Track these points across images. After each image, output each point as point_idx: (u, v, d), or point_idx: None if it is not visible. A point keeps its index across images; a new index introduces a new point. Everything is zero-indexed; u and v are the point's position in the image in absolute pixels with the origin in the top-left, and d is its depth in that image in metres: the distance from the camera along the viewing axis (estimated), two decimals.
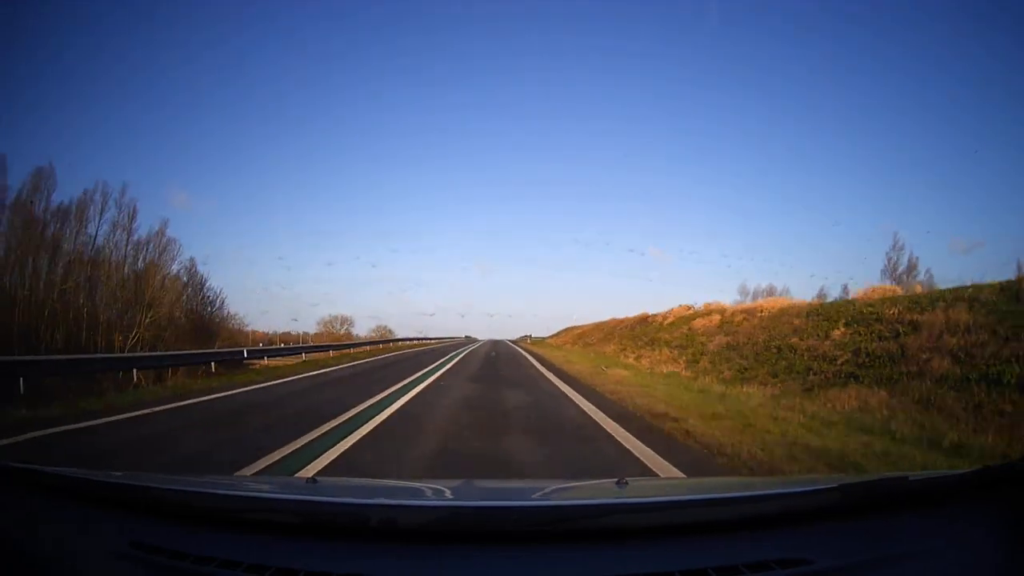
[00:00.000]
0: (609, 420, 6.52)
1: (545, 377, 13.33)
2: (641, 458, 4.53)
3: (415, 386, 10.43)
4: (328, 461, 4.45)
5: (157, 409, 7.56)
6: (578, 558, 1.06)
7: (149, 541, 1.15)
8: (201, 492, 1.36)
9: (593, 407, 7.69)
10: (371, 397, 8.53)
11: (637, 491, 1.64)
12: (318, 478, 1.73)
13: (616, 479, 1.55)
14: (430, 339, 56.93)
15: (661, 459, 4.44)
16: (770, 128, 65.38)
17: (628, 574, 1.02)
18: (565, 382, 11.73)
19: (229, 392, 9.74)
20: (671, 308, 25.70)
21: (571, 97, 74.93)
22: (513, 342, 61.49)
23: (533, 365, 18.23)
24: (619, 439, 5.38)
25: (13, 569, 1.13)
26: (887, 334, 10.57)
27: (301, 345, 25.39)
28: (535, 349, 36.78)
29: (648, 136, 73.16)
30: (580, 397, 8.97)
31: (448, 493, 1.65)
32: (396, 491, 1.76)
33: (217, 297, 24.48)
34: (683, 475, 3.97)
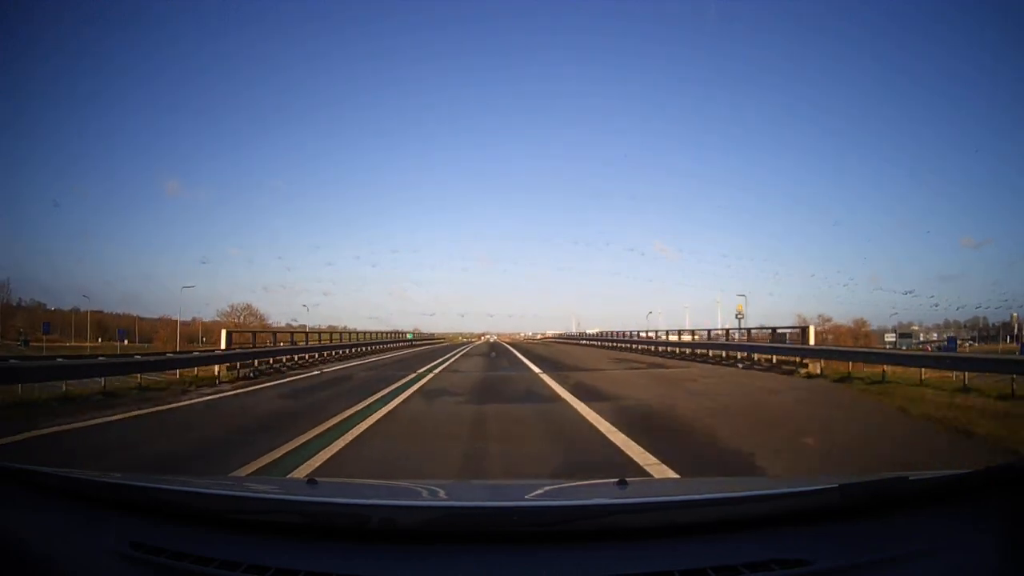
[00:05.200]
0: None
1: None
2: None
3: None
4: None
5: None
6: (578, 558, 1.06)
7: (150, 542, 1.15)
8: (201, 493, 1.36)
9: None
10: None
11: (637, 491, 1.64)
12: (318, 479, 1.73)
13: (616, 479, 1.56)
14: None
15: None
16: (771, 127, 65.52)
17: (628, 574, 1.03)
18: None
19: None
20: None
21: (572, 97, 75.03)
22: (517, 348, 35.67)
23: None
24: None
25: (14, 570, 1.13)
26: None
27: None
28: None
29: (647, 136, 73.26)
30: None
31: (448, 493, 1.65)
32: (396, 491, 1.76)
33: None
34: (683, 477, 3.98)
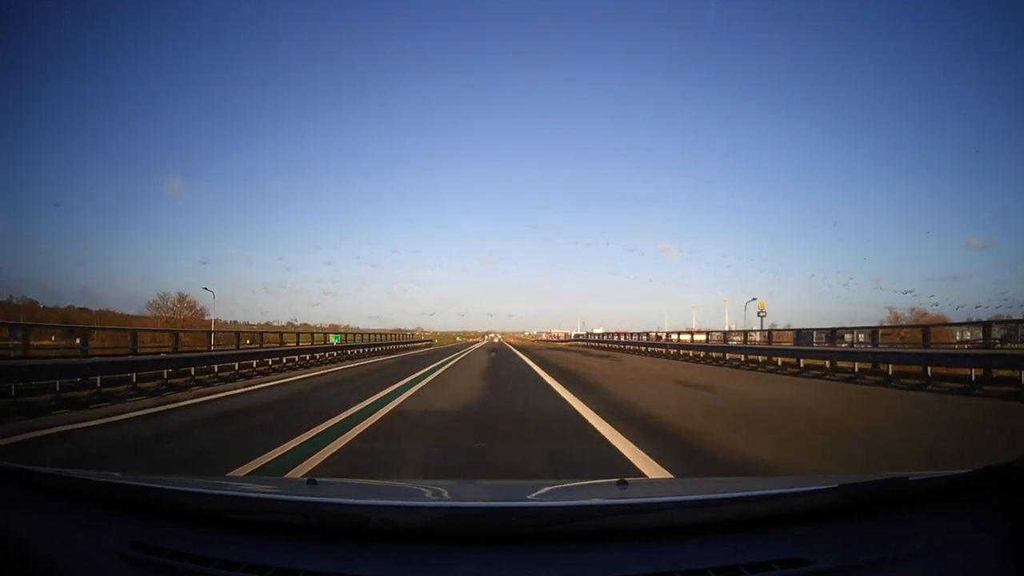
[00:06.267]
0: None
1: None
2: None
3: None
4: None
5: None
6: (578, 559, 1.06)
7: (150, 541, 1.15)
8: (201, 493, 1.36)
9: None
10: None
11: (637, 492, 1.64)
12: (317, 479, 1.73)
13: (616, 480, 1.56)
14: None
15: None
16: (770, 127, 65.57)
17: (628, 575, 1.03)
18: None
19: None
20: None
21: (572, 98, 75.05)
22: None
23: None
24: None
25: (14, 570, 1.13)
26: None
27: None
28: None
29: (648, 136, 73.31)
30: None
31: (448, 494, 1.65)
32: (395, 492, 1.76)
33: None
34: (683, 476, 3.97)
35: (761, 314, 29.46)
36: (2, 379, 8.12)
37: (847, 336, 16.01)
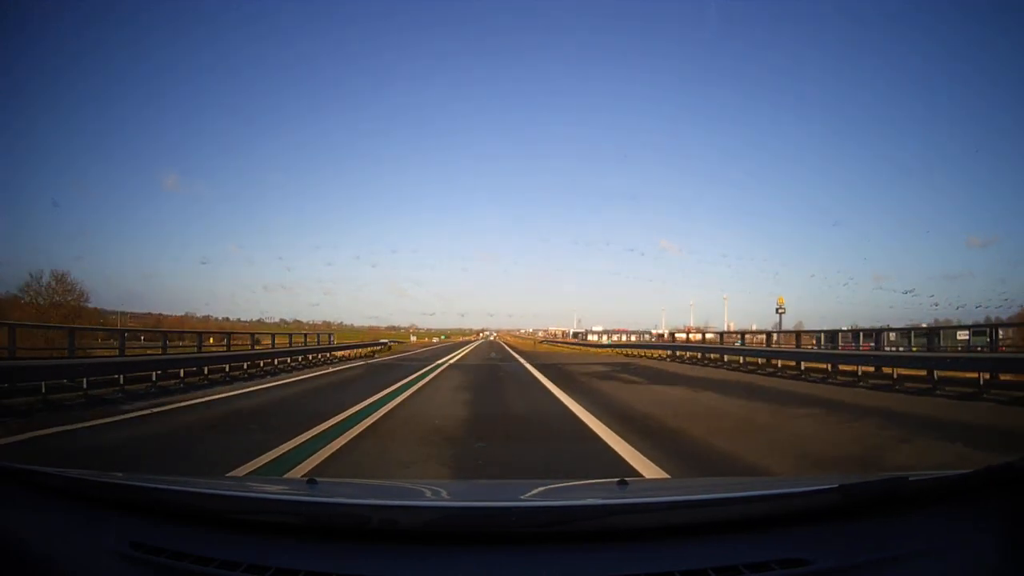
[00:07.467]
0: None
1: None
2: None
3: None
4: None
5: None
6: (578, 559, 1.07)
7: (150, 542, 1.15)
8: (201, 493, 1.36)
9: None
10: None
11: (637, 492, 1.64)
12: (317, 479, 1.73)
13: (617, 479, 1.56)
14: None
15: None
16: (770, 127, 65.64)
17: (629, 574, 1.03)
18: None
19: None
20: None
21: (572, 97, 75.09)
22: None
23: None
24: None
25: (14, 570, 1.13)
26: None
27: None
28: None
29: (648, 136, 73.38)
30: None
31: (448, 494, 1.65)
32: (396, 492, 1.76)
33: None
34: (684, 476, 3.98)
35: (780, 310, 29.92)
36: None
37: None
